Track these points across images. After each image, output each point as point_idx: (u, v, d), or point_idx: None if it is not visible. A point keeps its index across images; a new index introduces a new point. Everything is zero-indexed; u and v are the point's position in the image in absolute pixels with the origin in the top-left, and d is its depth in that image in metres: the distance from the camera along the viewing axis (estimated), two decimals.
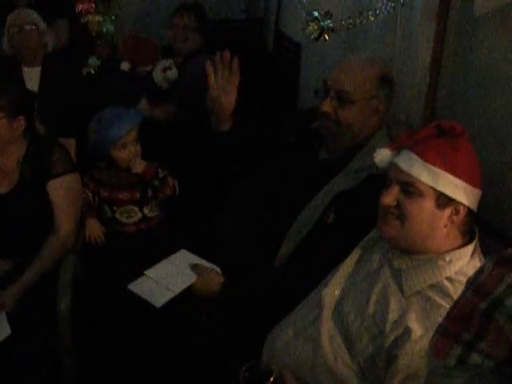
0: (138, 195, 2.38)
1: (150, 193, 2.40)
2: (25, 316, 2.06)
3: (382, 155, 1.51)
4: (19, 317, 2.04)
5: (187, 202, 2.53)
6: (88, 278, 2.28)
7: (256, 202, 2.07)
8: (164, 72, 3.03)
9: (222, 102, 1.95)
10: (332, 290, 1.54)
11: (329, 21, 2.15)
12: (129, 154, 2.33)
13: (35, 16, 3.16)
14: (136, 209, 2.38)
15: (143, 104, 2.94)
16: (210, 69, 1.95)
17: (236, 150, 2.06)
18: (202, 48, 3.12)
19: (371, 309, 1.43)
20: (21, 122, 2.23)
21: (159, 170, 2.39)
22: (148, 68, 3.15)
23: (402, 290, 1.41)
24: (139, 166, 2.36)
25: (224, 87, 1.95)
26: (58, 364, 2.10)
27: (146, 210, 2.40)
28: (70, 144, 2.54)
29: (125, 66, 3.17)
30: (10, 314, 2.03)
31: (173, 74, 3.02)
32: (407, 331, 1.33)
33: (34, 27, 3.10)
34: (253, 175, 2.19)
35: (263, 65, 3.88)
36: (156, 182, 2.37)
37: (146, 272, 1.92)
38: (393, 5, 2.05)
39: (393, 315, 1.38)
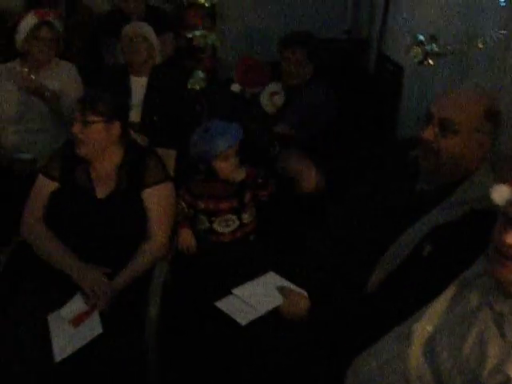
0: (235, 203, 2.41)
1: (247, 197, 2.43)
2: (115, 317, 2.11)
3: (501, 192, 1.40)
4: (110, 317, 2.10)
5: (282, 212, 2.55)
6: (177, 286, 2.33)
7: (351, 226, 2.05)
8: (271, 96, 3.05)
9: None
10: (424, 326, 1.48)
11: (434, 45, 2.11)
12: (230, 165, 2.37)
13: (147, 29, 3.30)
14: (234, 217, 2.41)
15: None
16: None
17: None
18: (314, 76, 3.14)
19: (466, 352, 1.36)
20: (116, 127, 2.33)
21: (259, 170, 2.44)
22: (256, 90, 3.18)
23: (503, 336, 1.33)
24: (241, 174, 2.41)
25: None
26: (144, 366, 2.15)
27: (244, 217, 2.43)
28: (171, 155, 2.59)
29: (235, 87, 3.21)
30: (102, 314, 2.09)
31: (280, 99, 3.04)
32: (508, 381, 1.27)
33: (144, 40, 3.24)
34: (349, 197, 2.17)
35: (364, 87, 3.85)
36: (260, 180, 2.42)
37: (233, 291, 1.95)
38: (504, 32, 1.98)
39: (492, 362, 1.31)
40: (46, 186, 2.38)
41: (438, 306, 1.51)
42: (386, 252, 1.81)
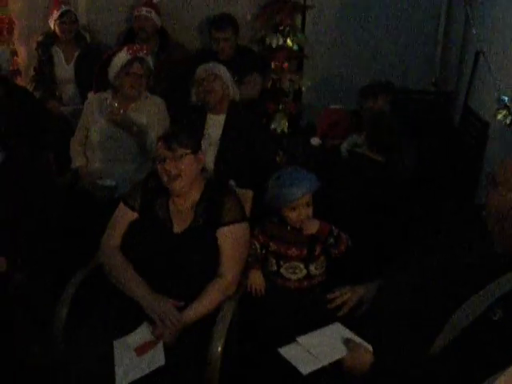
0: (305, 252, 2.39)
1: (317, 250, 2.40)
2: (179, 350, 2.14)
3: None
4: (173, 350, 2.13)
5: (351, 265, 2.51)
6: (242, 327, 2.33)
7: (420, 281, 2.00)
8: (353, 148, 3.04)
9: None
10: None
11: None
12: (298, 215, 2.35)
13: (221, 69, 3.36)
14: (302, 266, 2.39)
15: None
16: None
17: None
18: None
19: None
20: (201, 158, 2.42)
21: (333, 228, 2.40)
22: (337, 142, 3.17)
23: None
24: (312, 227, 2.38)
25: None
26: None
27: (311, 268, 2.40)
28: (248, 195, 2.62)
29: (315, 141, 3.20)
30: (166, 346, 2.12)
31: (361, 151, 3.02)
32: None
33: (216, 77, 3.30)
34: (420, 250, 2.13)
35: (447, 140, 3.78)
36: (331, 240, 2.38)
37: (298, 339, 1.94)
38: None
39: None
40: (125, 215, 2.46)
41: None
42: (455, 312, 1.76)
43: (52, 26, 4.13)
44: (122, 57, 3.23)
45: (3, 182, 2.61)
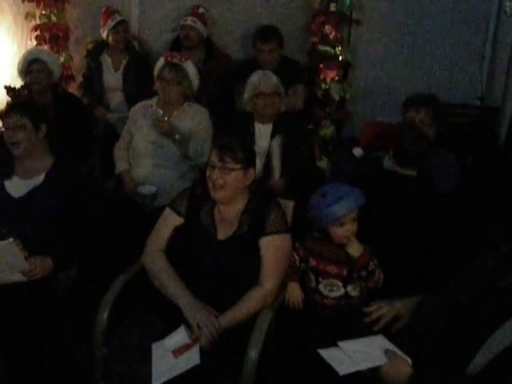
0: (344, 272, 2.35)
1: (355, 274, 2.36)
2: (215, 355, 2.17)
3: None
4: (210, 354, 2.16)
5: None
6: (278, 335, 2.34)
7: (460, 298, 1.99)
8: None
9: None
10: None
11: None
12: (346, 231, 2.32)
13: (275, 80, 3.40)
14: (340, 284, 2.35)
15: None
16: None
17: None
18: (436, 141, 3.07)
19: None
20: (251, 174, 2.43)
21: (371, 262, 2.32)
22: (381, 154, 3.15)
23: None
24: (356, 250, 2.32)
25: None
26: None
27: (349, 288, 2.36)
28: (289, 206, 2.63)
29: (357, 152, 3.19)
30: (203, 350, 2.16)
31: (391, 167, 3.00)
32: None
33: (275, 94, 3.33)
34: (462, 267, 2.11)
35: (491, 157, 3.72)
36: (363, 273, 2.32)
37: (339, 343, 1.96)
38: None
39: None
40: (171, 220, 2.51)
41: None
42: (495, 332, 1.76)
43: (104, 35, 4.21)
44: (159, 63, 3.37)
45: (52, 185, 2.69)
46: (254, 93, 3.35)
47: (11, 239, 2.42)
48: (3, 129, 2.77)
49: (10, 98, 3.80)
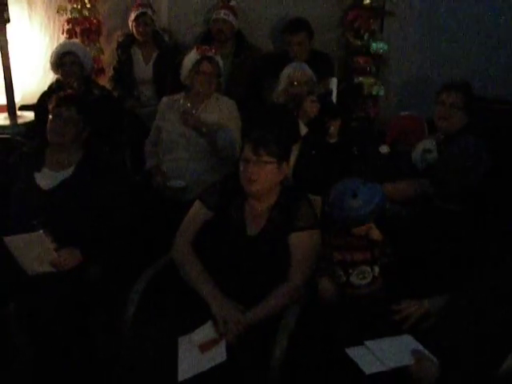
0: (369, 255, 2.34)
1: (376, 253, 2.34)
2: (241, 350, 2.17)
3: None
4: (236, 350, 2.16)
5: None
6: (306, 332, 2.33)
7: (491, 299, 1.95)
8: (424, 154, 2.99)
9: None
10: None
11: None
12: (368, 228, 2.31)
13: (309, 71, 3.38)
14: (369, 269, 2.33)
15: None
16: None
17: None
18: (466, 127, 3.03)
19: None
20: (285, 168, 2.43)
21: (387, 244, 2.34)
22: (407, 148, 3.12)
23: None
24: (377, 235, 2.32)
25: None
26: None
27: (375, 270, 2.34)
28: (317, 202, 2.61)
29: (384, 149, 3.17)
30: (229, 345, 2.16)
31: (432, 157, 2.94)
32: None
33: (306, 83, 3.32)
34: (493, 268, 2.06)
35: None
36: (388, 250, 2.33)
37: (366, 342, 1.96)
38: None
39: None
40: (201, 213, 2.51)
41: None
42: None
43: (130, 27, 4.26)
44: (191, 57, 3.34)
45: (81, 178, 2.72)
46: (288, 82, 3.33)
47: (41, 231, 2.46)
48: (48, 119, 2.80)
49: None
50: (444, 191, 2.49)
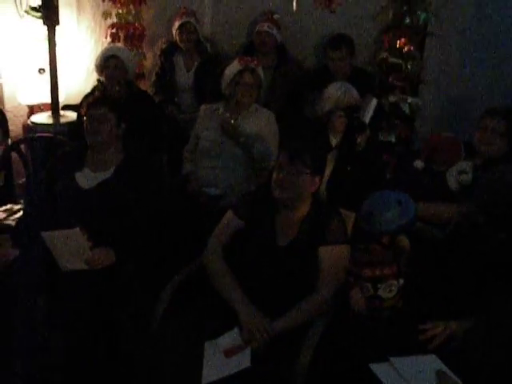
0: (395, 268, 2.35)
1: (402, 262, 2.36)
2: (266, 359, 2.19)
3: None
4: (261, 358, 2.18)
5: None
6: (331, 344, 2.34)
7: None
8: (459, 175, 2.98)
9: None
10: None
11: None
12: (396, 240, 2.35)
13: (356, 94, 3.36)
14: (395, 282, 2.35)
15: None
16: None
17: None
18: (507, 155, 3.00)
19: None
20: (317, 181, 2.45)
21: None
22: (443, 168, 3.12)
23: None
24: (406, 242, 2.38)
25: None
26: None
27: (401, 282, 2.36)
28: (350, 217, 2.62)
29: (418, 164, 3.18)
30: (254, 352, 2.19)
31: (467, 179, 2.93)
32: None
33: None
34: None
35: None
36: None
37: (391, 359, 1.96)
38: None
39: None
40: (233, 223, 2.55)
41: None
42: None
43: (174, 35, 4.33)
44: (233, 67, 3.38)
45: (120, 179, 2.78)
46: (335, 106, 3.30)
47: (77, 228, 2.52)
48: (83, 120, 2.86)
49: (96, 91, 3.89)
50: (497, 222, 2.45)
